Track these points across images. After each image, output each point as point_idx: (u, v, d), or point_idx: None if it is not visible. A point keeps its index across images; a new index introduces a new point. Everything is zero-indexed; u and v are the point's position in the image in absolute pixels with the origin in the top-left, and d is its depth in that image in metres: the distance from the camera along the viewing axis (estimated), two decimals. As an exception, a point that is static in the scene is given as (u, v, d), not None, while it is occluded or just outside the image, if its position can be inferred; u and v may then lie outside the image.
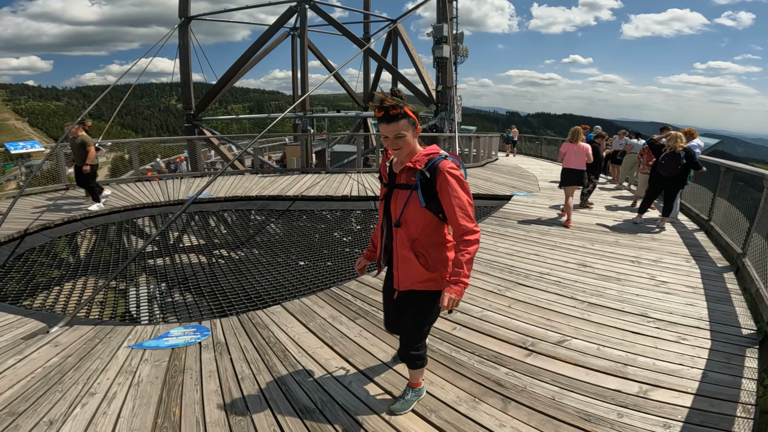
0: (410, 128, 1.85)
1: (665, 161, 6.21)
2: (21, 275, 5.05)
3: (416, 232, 1.95)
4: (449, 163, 1.87)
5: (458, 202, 1.83)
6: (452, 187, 1.83)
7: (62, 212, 7.14)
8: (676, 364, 2.79)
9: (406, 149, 1.88)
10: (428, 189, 1.86)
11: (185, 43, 16.76)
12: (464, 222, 1.83)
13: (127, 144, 12.97)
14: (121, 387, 2.55)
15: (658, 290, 4.04)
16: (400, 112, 1.80)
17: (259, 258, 6.02)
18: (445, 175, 1.83)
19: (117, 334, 3.26)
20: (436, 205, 1.88)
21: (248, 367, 2.79)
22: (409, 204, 1.90)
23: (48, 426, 2.18)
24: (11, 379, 2.63)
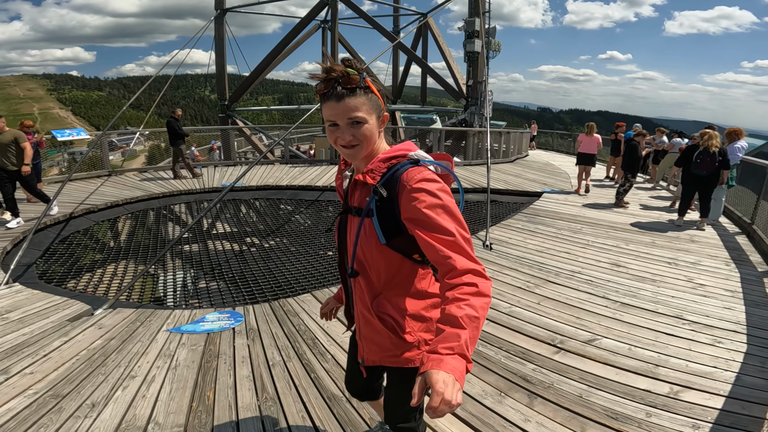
0: (373, 112, 1.12)
1: (699, 160, 6.04)
2: (66, 257, 5.34)
3: (378, 283, 1.21)
4: (419, 171, 1.09)
5: (440, 237, 1.01)
6: (425, 213, 1.03)
7: (105, 197, 7.49)
8: (710, 367, 2.75)
9: (365, 146, 1.14)
10: (389, 215, 1.11)
11: (221, 35, 17.12)
12: (455, 256, 1.00)
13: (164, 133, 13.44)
14: (160, 370, 2.67)
15: (695, 293, 3.95)
16: (358, 84, 1.09)
17: (288, 246, 6.16)
18: (409, 193, 1.06)
19: (157, 317, 3.41)
20: (405, 240, 1.13)
21: (279, 353, 2.88)
22: (361, 240, 1.17)
23: (90, 408, 2.28)
24: (57, 360, 2.75)
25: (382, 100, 1.17)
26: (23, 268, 4.59)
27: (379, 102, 1.15)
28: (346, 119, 1.09)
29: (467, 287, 0.94)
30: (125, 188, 8.38)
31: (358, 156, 1.15)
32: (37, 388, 2.45)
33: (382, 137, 1.21)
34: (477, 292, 0.93)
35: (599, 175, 11.77)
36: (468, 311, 0.89)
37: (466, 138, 14.93)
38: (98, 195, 7.67)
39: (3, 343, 2.93)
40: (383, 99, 1.18)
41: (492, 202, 7.67)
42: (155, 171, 10.55)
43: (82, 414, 2.23)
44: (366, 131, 1.12)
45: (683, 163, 6.42)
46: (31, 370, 2.62)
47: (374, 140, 1.15)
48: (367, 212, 1.15)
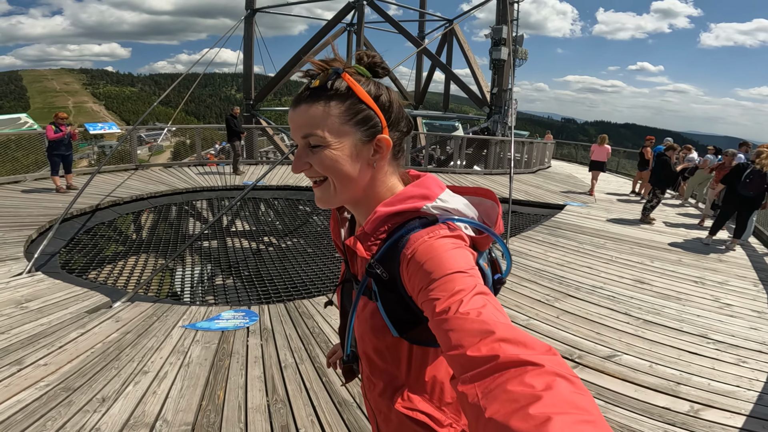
0: (349, 131, 0.72)
1: (749, 180, 5.77)
2: (89, 248, 5.47)
3: (397, 374, 0.81)
4: (430, 233, 0.69)
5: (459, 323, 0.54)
6: (435, 287, 0.61)
7: (131, 190, 7.67)
8: (733, 386, 2.77)
9: (337, 188, 0.75)
10: (394, 297, 0.73)
11: (249, 35, 17.44)
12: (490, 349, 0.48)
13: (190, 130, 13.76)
14: (173, 367, 2.68)
15: (722, 312, 3.93)
16: (327, 84, 0.71)
17: (305, 248, 6.17)
18: (408, 266, 0.67)
19: (173, 313, 3.44)
20: (423, 329, 0.73)
21: (292, 355, 2.87)
22: (358, 323, 0.81)
23: (100, 403, 2.30)
24: (72, 353, 2.78)
25: (381, 114, 0.73)
26: (47, 257, 4.71)
27: (369, 116, 0.72)
28: (300, 137, 0.72)
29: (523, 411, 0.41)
30: (150, 182, 8.57)
31: (330, 202, 0.77)
32: (49, 380, 2.48)
33: (387, 173, 0.78)
34: (536, 399, 0.41)
35: (625, 190, 11.49)
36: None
37: (488, 146, 14.79)
38: (124, 188, 7.86)
39: (20, 333, 2.98)
40: (388, 110, 0.74)
41: (512, 213, 7.56)
42: (180, 167, 10.77)
43: (92, 408, 2.24)
44: (328, 162, 0.71)
45: (729, 182, 6.15)
46: (45, 362, 2.65)
47: (355, 179, 0.74)
48: (367, 292, 0.76)
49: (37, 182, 7.92)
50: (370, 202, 0.77)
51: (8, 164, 8.33)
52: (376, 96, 0.73)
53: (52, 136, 7.09)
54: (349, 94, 0.71)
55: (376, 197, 0.77)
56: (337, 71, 0.71)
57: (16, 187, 7.46)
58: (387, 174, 0.78)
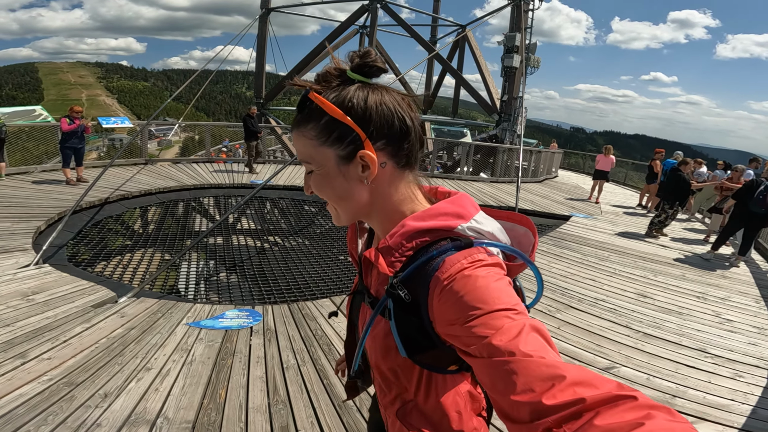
0: (326, 151, 0.68)
1: (762, 197, 5.73)
2: (96, 241, 5.53)
3: (403, 389, 0.81)
4: (467, 256, 0.64)
5: (523, 366, 0.49)
6: (481, 323, 0.56)
7: (140, 185, 7.75)
8: (728, 399, 2.80)
9: (340, 208, 0.73)
10: (413, 321, 0.69)
11: (263, 34, 17.55)
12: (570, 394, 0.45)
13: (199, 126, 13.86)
14: (176, 364, 2.70)
15: (722, 328, 3.98)
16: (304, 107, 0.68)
17: (309, 249, 6.20)
18: (444, 294, 0.62)
19: (178, 310, 3.47)
20: (439, 354, 0.73)
21: (294, 356, 2.89)
22: (371, 340, 0.77)
23: (102, 398, 2.31)
24: (76, 347, 2.79)
25: (356, 126, 0.65)
26: (54, 249, 4.77)
27: (343, 132, 0.66)
28: (302, 160, 0.71)
29: None
30: (159, 177, 8.65)
31: (340, 221, 0.75)
32: (52, 374, 2.50)
33: (397, 187, 0.71)
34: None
35: (631, 202, 11.43)
36: None
37: (495, 154, 14.78)
38: (133, 182, 7.94)
39: (25, 326, 3.00)
40: (364, 120, 0.66)
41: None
42: (188, 163, 10.86)
43: (93, 404, 2.26)
44: (318, 186, 0.70)
45: (741, 197, 6.09)
46: (49, 356, 2.68)
47: (352, 199, 0.70)
48: (377, 310, 0.71)
49: (47, 174, 8.01)
50: (381, 216, 0.73)
51: (18, 154, 8.43)
52: (347, 108, 0.65)
53: (66, 128, 7.18)
54: (321, 112, 0.65)
55: (389, 211, 0.72)
56: (306, 91, 0.67)
57: (26, 178, 7.56)
58: (394, 186, 0.71)
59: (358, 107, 0.65)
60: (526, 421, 0.46)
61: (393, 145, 0.68)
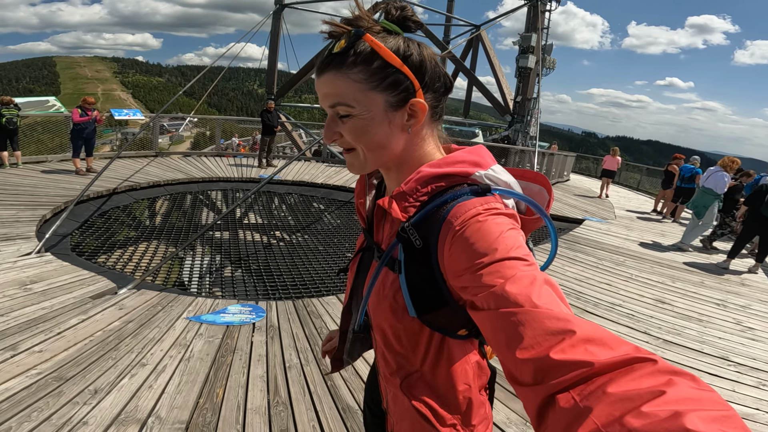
0: (376, 97, 0.64)
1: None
2: (101, 232, 5.46)
3: (408, 355, 0.76)
4: (483, 203, 0.62)
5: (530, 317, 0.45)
6: (491, 271, 0.53)
7: (149, 177, 7.71)
8: (753, 409, 2.72)
9: (370, 156, 0.69)
10: (424, 272, 0.66)
11: (276, 30, 17.50)
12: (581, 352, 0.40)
13: (210, 121, 13.87)
14: (172, 360, 2.58)
15: (744, 336, 3.85)
16: (348, 47, 0.64)
17: (317, 245, 6.09)
18: (455, 239, 0.59)
19: (179, 303, 3.36)
20: (450, 315, 0.69)
21: (297, 356, 2.76)
22: (376, 298, 0.74)
23: (92, 395, 2.19)
24: (69, 340, 2.67)
25: (412, 76, 0.65)
26: (58, 238, 4.70)
27: (398, 79, 0.64)
28: (327, 107, 0.68)
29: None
30: (168, 170, 8.61)
31: (361, 169, 0.71)
32: (42, 368, 2.39)
33: (425, 137, 0.71)
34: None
35: (645, 208, 11.17)
36: None
37: (507, 156, 14.55)
38: (142, 174, 7.89)
39: (20, 316, 2.89)
40: (420, 70, 0.66)
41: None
42: (198, 156, 10.82)
43: (82, 400, 2.15)
44: (357, 132, 0.66)
45: (752, 203, 5.92)
46: (41, 348, 2.57)
47: (387, 147, 0.68)
48: (390, 262, 0.69)
49: (58, 164, 8.00)
50: (403, 168, 0.71)
51: (33, 146, 8.46)
52: (405, 56, 0.65)
53: (78, 119, 7.20)
54: (375, 56, 0.63)
55: (411, 162, 0.71)
56: (358, 33, 0.63)
57: (36, 168, 7.55)
58: (424, 138, 0.71)
59: (415, 58, 0.65)
60: (530, 383, 0.42)
61: (435, 99, 0.70)
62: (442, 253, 0.61)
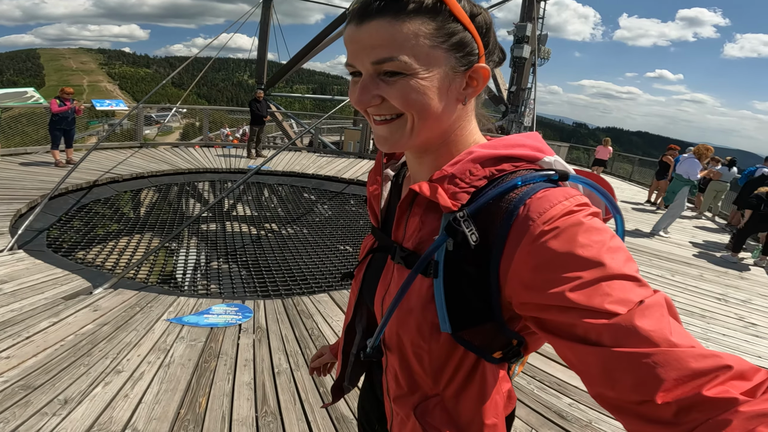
0: (440, 57, 0.53)
1: None
2: (80, 226, 5.20)
3: (427, 379, 0.62)
4: (565, 196, 0.49)
5: (653, 356, 0.39)
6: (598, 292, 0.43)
7: (132, 168, 7.41)
8: None
9: (415, 127, 0.56)
10: (473, 275, 0.54)
11: (266, 20, 17.09)
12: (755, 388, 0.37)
13: (199, 112, 13.52)
14: (151, 366, 2.38)
15: (747, 332, 3.78)
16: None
17: (307, 238, 5.88)
18: (539, 240, 0.47)
19: (158, 303, 3.14)
20: (491, 332, 0.57)
21: (287, 360, 2.57)
22: (400, 315, 0.60)
23: (61, 405, 2.01)
24: (38, 345, 2.48)
25: (478, 38, 0.55)
26: (34, 233, 4.44)
27: (465, 39, 0.54)
28: (369, 63, 0.53)
29: None
30: (153, 161, 8.31)
31: (400, 144, 0.57)
32: (8, 375, 2.19)
33: (471, 116, 0.61)
34: None
35: (639, 199, 11.11)
36: None
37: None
38: (126, 165, 7.59)
39: (-15, 320, 2.68)
40: (486, 34, 0.57)
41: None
42: (186, 147, 10.51)
43: (51, 411, 1.96)
44: (414, 95, 0.53)
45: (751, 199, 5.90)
46: (8, 354, 2.36)
47: (440, 118, 0.55)
48: (426, 266, 0.55)
49: (37, 156, 7.67)
50: (443, 149, 0.60)
51: (17, 138, 8.14)
52: (473, 14, 0.55)
53: (56, 110, 6.93)
54: (441, 9, 0.53)
55: (454, 142, 0.60)
56: None
57: (14, 160, 7.21)
58: (471, 116, 0.61)
59: (483, 20, 0.57)
60: (670, 422, 0.38)
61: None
62: (510, 255, 0.49)
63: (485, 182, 0.54)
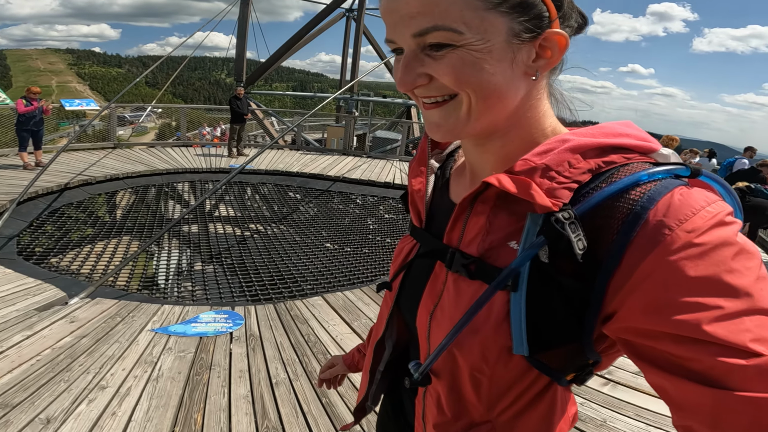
0: (503, 24, 0.42)
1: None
2: (53, 230, 4.88)
3: (480, 404, 0.51)
4: (707, 201, 0.38)
5: None
6: (747, 327, 0.34)
7: (106, 170, 7.05)
8: None
9: (478, 108, 0.45)
10: (571, 289, 0.42)
11: (245, 16, 16.68)
12: None
13: (176, 112, 13.11)
14: (138, 381, 2.18)
15: None
16: None
17: (294, 237, 5.67)
18: (704, 257, 0.36)
19: (141, 313, 2.92)
20: (571, 353, 0.47)
21: (284, 369, 2.39)
22: (464, 330, 0.46)
23: (44, 425, 1.83)
24: (13, 360, 2.29)
25: (550, 1, 0.43)
26: (3, 240, 4.13)
27: (532, 0, 0.43)
28: (410, 35, 0.43)
29: None
30: (128, 162, 7.93)
31: (457, 130, 0.47)
32: (-18, 395, 1.98)
33: (543, 95, 0.49)
34: None
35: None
36: None
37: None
38: (99, 167, 7.21)
39: (-47, 336, 2.44)
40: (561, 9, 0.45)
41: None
42: (163, 147, 10.10)
43: (33, 431, 1.77)
44: (468, 70, 0.42)
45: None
46: (-21, 372, 2.15)
47: (505, 97, 0.45)
48: (505, 280, 0.44)
49: (4, 159, 7.22)
50: (512, 135, 0.49)
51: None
52: None
53: (22, 110, 6.54)
54: None
55: (524, 126, 0.49)
56: None
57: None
58: (543, 94, 0.49)
59: None
60: None
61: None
62: (631, 267, 0.39)
63: (589, 176, 0.44)
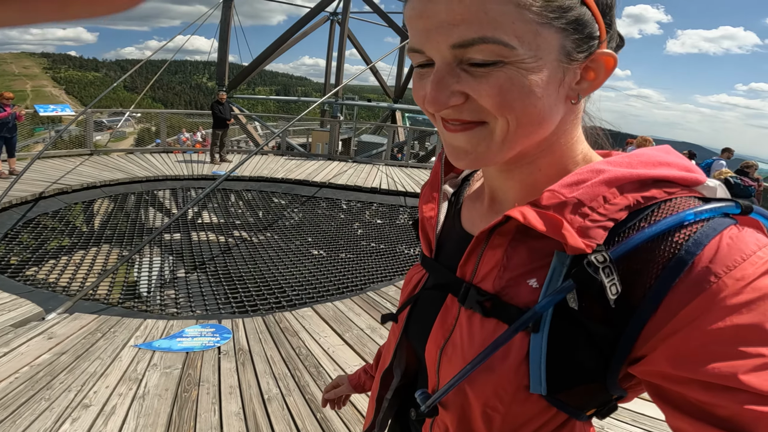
0: (552, 40, 0.37)
1: None
2: (29, 242, 4.68)
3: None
4: (759, 244, 0.35)
5: None
6: None
7: (82, 178, 6.82)
8: None
9: (514, 134, 0.40)
10: (599, 334, 0.39)
11: (227, 20, 16.48)
12: None
13: (155, 117, 12.84)
14: (123, 399, 2.08)
15: None
16: None
17: (281, 245, 5.56)
18: (757, 310, 0.33)
19: (123, 328, 2.80)
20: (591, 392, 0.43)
21: (276, 384, 2.30)
22: (480, 374, 0.43)
23: None
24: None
25: (601, 19, 0.39)
26: (-27, 252, 3.92)
27: (584, 17, 0.38)
28: (447, 45, 0.37)
29: None
30: (106, 169, 7.69)
31: (484, 157, 0.42)
32: (-44, 417, 1.87)
33: (579, 121, 0.45)
34: None
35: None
36: None
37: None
38: (75, 174, 6.97)
39: None
40: (608, 14, 0.41)
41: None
42: (142, 153, 9.85)
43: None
44: (516, 92, 0.37)
45: None
46: (-44, 390, 2.03)
47: (544, 120, 0.40)
48: (526, 323, 0.40)
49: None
50: (542, 161, 0.45)
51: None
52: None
53: (-7, 116, 6.24)
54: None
55: (557, 153, 0.45)
56: None
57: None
58: (578, 118, 0.45)
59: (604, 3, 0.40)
60: None
61: None
62: (668, 315, 0.36)
63: (626, 213, 0.39)
